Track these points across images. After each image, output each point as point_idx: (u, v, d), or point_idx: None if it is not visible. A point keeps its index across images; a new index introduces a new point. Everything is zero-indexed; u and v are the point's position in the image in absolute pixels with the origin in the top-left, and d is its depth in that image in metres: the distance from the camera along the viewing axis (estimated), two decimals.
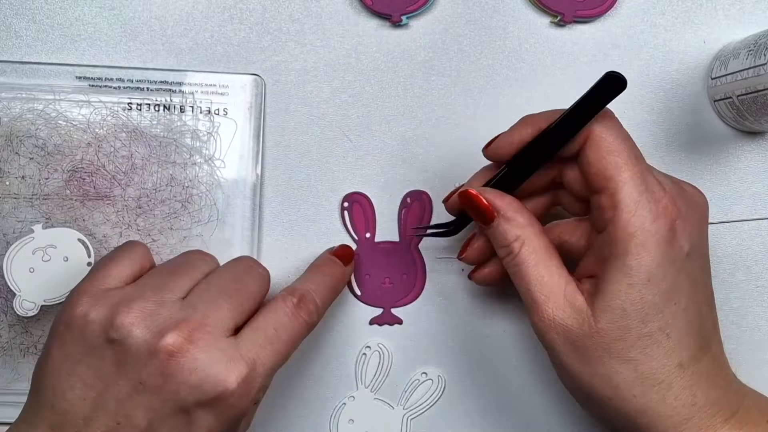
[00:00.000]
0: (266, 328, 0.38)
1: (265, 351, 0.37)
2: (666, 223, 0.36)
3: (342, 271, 0.44)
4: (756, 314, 0.47)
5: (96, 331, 0.35)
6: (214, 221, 0.46)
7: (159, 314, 0.36)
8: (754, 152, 0.48)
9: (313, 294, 0.40)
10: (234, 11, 0.47)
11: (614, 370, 0.36)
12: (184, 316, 0.36)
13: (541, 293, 0.37)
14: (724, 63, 0.45)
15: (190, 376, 0.34)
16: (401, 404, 0.47)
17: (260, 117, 0.46)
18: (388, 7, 0.46)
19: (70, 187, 0.45)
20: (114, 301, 0.36)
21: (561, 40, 0.47)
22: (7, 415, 0.45)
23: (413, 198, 0.47)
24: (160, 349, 0.34)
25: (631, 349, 0.36)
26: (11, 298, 0.44)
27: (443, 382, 0.47)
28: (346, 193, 0.47)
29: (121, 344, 0.35)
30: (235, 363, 0.35)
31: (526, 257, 0.37)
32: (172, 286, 0.38)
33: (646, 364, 0.36)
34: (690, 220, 0.37)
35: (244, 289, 0.39)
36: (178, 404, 0.35)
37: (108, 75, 0.46)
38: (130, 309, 0.35)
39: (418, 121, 0.47)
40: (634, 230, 0.35)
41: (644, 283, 0.35)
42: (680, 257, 0.36)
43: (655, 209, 0.35)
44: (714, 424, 0.37)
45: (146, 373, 0.35)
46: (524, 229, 0.38)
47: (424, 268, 0.47)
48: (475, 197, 0.39)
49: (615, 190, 0.36)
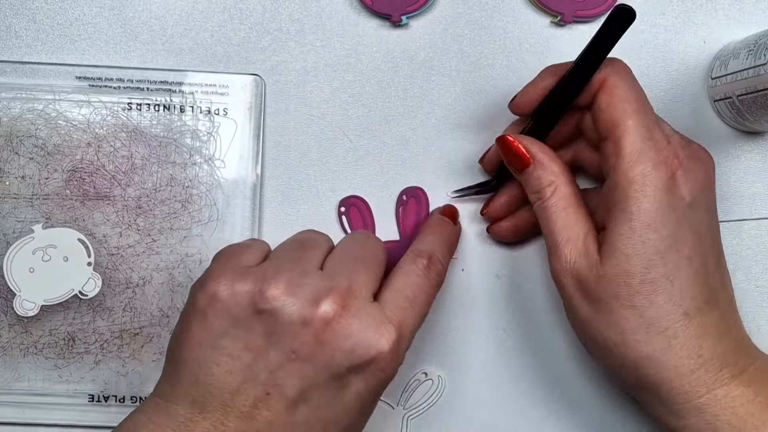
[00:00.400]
0: (405, 291, 0.38)
1: (408, 313, 0.37)
2: (666, 171, 0.37)
3: (454, 230, 0.45)
4: (756, 314, 0.47)
5: (242, 303, 0.35)
6: (214, 221, 0.46)
7: (305, 284, 0.36)
8: (754, 152, 0.47)
9: (438, 254, 0.41)
10: (234, 11, 0.47)
11: (621, 316, 0.37)
12: (331, 285, 0.36)
13: (562, 236, 0.39)
14: (724, 63, 0.45)
15: (345, 341, 0.35)
16: (401, 404, 0.47)
17: (260, 117, 0.46)
18: (388, 7, 0.46)
19: (70, 187, 0.45)
20: (259, 274, 0.36)
21: (561, 40, 0.47)
22: (7, 415, 0.45)
23: (408, 195, 0.47)
24: (315, 317, 0.35)
25: (636, 295, 0.37)
26: (11, 298, 0.44)
27: (443, 382, 0.47)
28: (342, 198, 0.47)
29: (271, 314, 0.35)
30: (385, 326, 0.36)
31: (556, 202, 0.39)
32: (308, 257, 0.38)
33: (651, 310, 0.37)
34: (692, 173, 0.38)
35: (373, 256, 0.39)
36: (332, 370, 0.35)
37: (108, 75, 0.46)
38: (278, 280, 0.36)
39: (418, 121, 0.47)
40: (634, 176, 0.37)
41: (645, 227, 0.36)
42: (681, 206, 0.37)
43: (656, 158, 0.37)
44: (720, 379, 0.37)
45: (299, 341, 0.35)
46: (558, 177, 0.39)
47: None
48: (512, 143, 0.40)
49: (620, 137, 0.37)
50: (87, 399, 0.46)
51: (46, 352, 0.45)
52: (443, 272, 0.41)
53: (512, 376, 0.47)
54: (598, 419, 0.47)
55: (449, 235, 0.44)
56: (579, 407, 0.47)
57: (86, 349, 0.45)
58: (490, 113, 0.47)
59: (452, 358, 0.47)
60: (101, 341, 0.45)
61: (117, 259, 0.45)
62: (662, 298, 0.37)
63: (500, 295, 0.47)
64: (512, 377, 0.47)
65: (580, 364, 0.47)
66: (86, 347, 0.45)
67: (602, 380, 0.47)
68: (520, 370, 0.47)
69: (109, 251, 0.45)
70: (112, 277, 0.45)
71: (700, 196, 0.38)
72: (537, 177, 0.40)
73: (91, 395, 0.46)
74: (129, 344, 0.45)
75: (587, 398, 0.47)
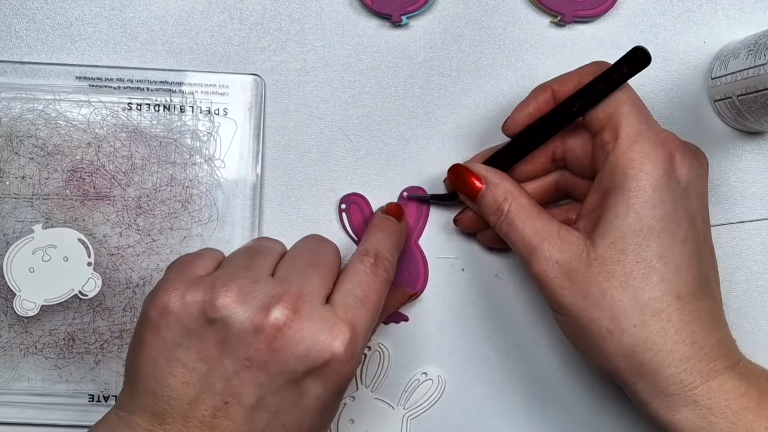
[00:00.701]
0: (354, 290, 0.38)
1: (360, 312, 0.37)
2: (665, 151, 0.37)
3: (399, 228, 0.44)
4: (756, 314, 0.47)
5: (194, 313, 0.35)
6: (214, 221, 0.46)
7: (256, 291, 0.36)
8: (754, 152, 0.47)
9: (384, 252, 0.41)
10: (234, 11, 0.47)
11: (614, 299, 0.36)
12: (282, 290, 0.36)
13: (535, 239, 0.38)
14: (724, 63, 0.45)
15: (298, 346, 0.35)
16: (401, 404, 0.47)
17: (260, 117, 0.46)
18: (388, 7, 0.46)
19: (70, 187, 0.45)
20: (208, 283, 0.36)
21: (561, 40, 0.47)
22: (7, 415, 0.45)
23: (410, 192, 0.47)
24: (266, 324, 0.34)
25: (629, 275, 0.36)
26: (11, 298, 0.44)
27: (443, 382, 0.47)
28: (342, 195, 0.47)
29: (223, 323, 0.35)
30: (338, 327, 0.35)
31: (517, 212, 0.39)
32: (259, 264, 0.38)
33: (645, 291, 0.36)
34: (689, 157, 0.38)
35: (325, 260, 0.39)
36: (288, 375, 0.35)
37: (108, 75, 0.46)
38: (228, 288, 0.35)
39: (418, 121, 0.47)
40: (634, 155, 0.37)
41: (642, 204, 0.36)
42: (678, 188, 0.37)
43: (655, 138, 0.37)
44: (714, 369, 0.37)
45: (253, 349, 0.34)
46: (510, 192, 0.40)
47: (426, 265, 0.47)
48: (461, 169, 0.41)
49: (617, 122, 0.37)
50: (87, 399, 0.46)
51: (46, 352, 0.45)
52: (391, 269, 0.41)
53: (512, 376, 0.47)
54: (597, 418, 0.47)
55: (393, 232, 0.43)
56: (579, 407, 0.47)
57: (86, 349, 0.45)
58: (490, 113, 0.47)
59: (452, 358, 0.47)
60: (101, 341, 0.45)
61: (117, 259, 0.45)
62: (656, 278, 0.36)
63: (500, 295, 0.47)
64: (512, 377, 0.47)
65: (581, 363, 0.47)
66: (86, 347, 0.45)
67: (602, 379, 0.47)
68: (521, 370, 0.47)
69: (109, 251, 0.45)
70: (112, 277, 0.45)
71: (694, 181, 0.38)
72: (492, 197, 0.40)
73: (91, 395, 0.46)
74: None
75: (587, 398, 0.47)
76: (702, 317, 0.37)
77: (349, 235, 0.47)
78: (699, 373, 0.36)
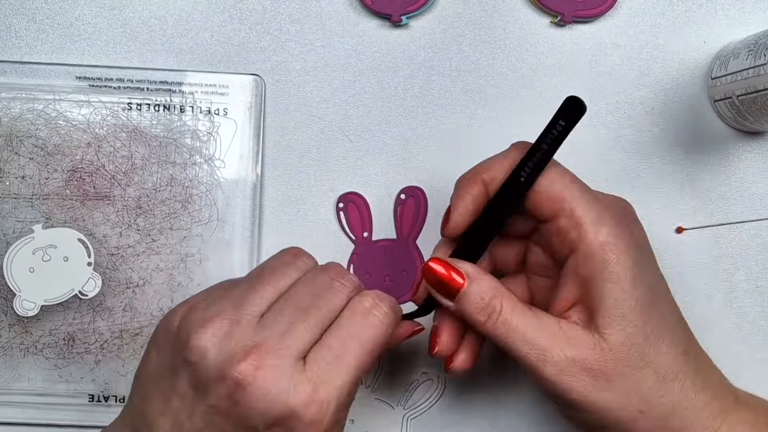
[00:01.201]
0: (331, 343, 0.35)
1: (332, 369, 0.35)
2: (624, 224, 0.37)
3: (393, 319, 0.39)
4: (756, 314, 0.47)
5: (177, 348, 0.35)
6: (214, 221, 0.46)
7: (233, 336, 0.35)
8: (754, 152, 0.47)
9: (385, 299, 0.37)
10: (234, 11, 0.47)
11: (638, 380, 0.36)
12: (258, 341, 0.34)
13: (541, 339, 0.36)
14: (724, 63, 0.45)
15: (257, 403, 0.34)
16: (401, 404, 0.47)
17: (260, 117, 0.46)
18: (388, 7, 0.46)
19: (70, 187, 0.45)
20: (196, 317, 0.35)
21: (561, 40, 0.47)
22: (7, 415, 0.45)
23: (408, 194, 0.47)
24: (229, 377, 0.34)
25: (643, 353, 0.36)
26: (11, 298, 0.44)
27: (443, 382, 0.47)
28: (340, 194, 0.47)
29: (194, 366, 0.35)
30: (301, 386, 0.34)
31: (512, 310, 0.36)
32: (252, 301, 0.36)
33: (660, 361, 0.36)
34: (631, 218, 0.38)
35: (325, 306, 0.36)
36: (249, 429, 0.34)
37: (108, 75, 0.46)
38: (205, 330, 0.35)
39: (418, 121, 0.47)
40: (605, 238, 0.36)
41: (632, 283, 0.36)
42: (644, 254, 0.37)
43: (611, 215, 0.36)
44: (727, 404, 0.38)
45: (216, 397, 0.34)
46: (497, 286, 0.37)
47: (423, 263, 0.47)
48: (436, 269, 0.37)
49: (572, 209, 0.36)
50: (87, 399, 0.46)
51: (46, 352, 0.45)
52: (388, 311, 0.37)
53: (512, 376, 0.47)
54: None
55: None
56: None
57: (86, 349, 0.45)
58: (490, 113, 0.47)
59: None
60: (101, 341, 0.45)
61: (117, 259, 0.45)
62: (664, 344, 0.36)
63: None
64: (512, 377, 0.47)
65: None
66: (86, 347, 0.45)
67: None
68: (521, 369, 0.47)
69: (109, 251, 0.45)
70: (112, 277, 0.45)
71: (642, 238, 0.38)
72: (478, 292, 0.36)
73: (91, 395, 0.46)
74: (129, 344, 0.45)
75: None
76: (704, 361, 0.38)
77: (347, 234, 0.47)
78: (719, 413, 0.37)
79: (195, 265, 0.46)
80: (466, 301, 0.37)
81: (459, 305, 0.37)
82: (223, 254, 0.46)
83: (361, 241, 0.47)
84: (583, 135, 0.47)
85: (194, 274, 0.46)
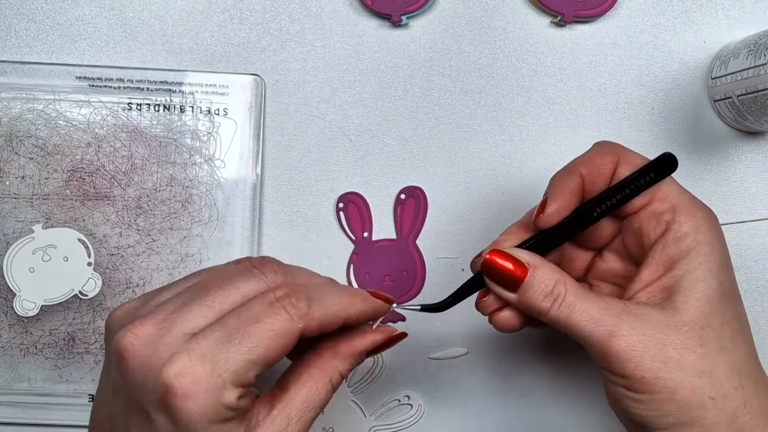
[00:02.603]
0: (227, 321, 0.32)
1: (222, 347, 0.32)
2: (712, 216, 0.37)
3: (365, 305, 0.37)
4: (756, 314, 0.47)
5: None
6: (214, 221, 0.46)
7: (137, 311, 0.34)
8: (754, 152, 0.47)
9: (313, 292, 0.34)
10: (234, 11, 0.47)
11: (712, 363, 0.35)
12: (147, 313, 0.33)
13: (609, 317, 0.35)
14: (724, 63, 0.45)
15: (135, 374, 0.32)
16: (374, 416, 0.47)
17: (260, 117, 0.46)
18: (388, 7, 0.46)
19: (70, 187, 0.45)
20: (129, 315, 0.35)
21: (561, 40, 0.47)
22: (8, 415, 0.45)
23: (408, 194, 0.47)
24: (114, 347, 0.32)
25: (720, 338, 0.35)
26: (11, 298, 0.44)
27: (422, 411, 0.47)
28: (340, 194, 0.47)
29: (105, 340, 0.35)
30: (177, 356, 0.31)
31: (575, 294, 0.35)
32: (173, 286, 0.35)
33: (735, 353, 0.36)
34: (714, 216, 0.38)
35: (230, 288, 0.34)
36: (137, 405, 0.32)
37: (108, 75, 0.46)
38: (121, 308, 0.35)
39: (418, 121, 0.47)
40: (698, 222, 0.36)
41: (720, 268, 0.36)
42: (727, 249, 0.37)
43: (701, 206, 0.37)
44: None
45: (110, 369, 0.34)
46: (560, 273, 0.36)
47: (423, 264, 0.47)
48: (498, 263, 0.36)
49: (666, 195, 0.37)
50: (87, 399, 0.46)
51: (46, 352, 0.45)
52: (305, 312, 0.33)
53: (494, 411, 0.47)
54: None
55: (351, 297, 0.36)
56: None
57: (86, 349, 0.45)
58: (490, 113, 0.47)
59: (434, 385, 0.47)
60: (101, 341, 0.45)
61: (117, 259, 0.45)
62: (740, 339, 0.36)
63: None
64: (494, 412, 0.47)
65: (571, 404, 0.47)
66: (86, 347, 0.45)
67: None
68: (507, 414, 0.47)
69: (109, 251, 0.45)
70: (112, 277, 0.45)
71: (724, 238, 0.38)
72: (541, 279, 0.36)
73: (91, 395, 0.46)
74: None
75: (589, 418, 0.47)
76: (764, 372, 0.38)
77: (347, 234, 0.47)
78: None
79: (195, 265, 0.46)
80: (529, 291, 0.36)
81: (523, 296, 0.36)
82: (223, 254, 0.46)
83: (361, 241, 0.47)
84: (584, 135, 0.47)
85: None
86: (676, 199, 0.37)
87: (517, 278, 0.36)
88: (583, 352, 0.40)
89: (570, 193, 0.37)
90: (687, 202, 0.37)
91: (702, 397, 0.35)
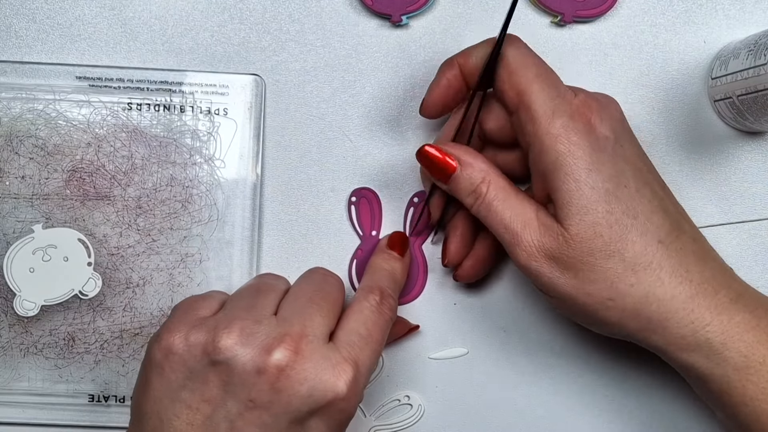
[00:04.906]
0: (358, 329, 0.38)
1: (364, 351, 0.37)
2: (582, 118, 0.37)
3: (402, 265, 0.44)
4: None
5: (198, 355, 0.36)
6: (214, 221, 0.46)
7: (258, 332, 0.36)
8: (754, 152, 0.47)
9: (388, 289, 0.41)
10: (234, 11, 0.47)
11: (604, 269, 0.37)
12: (284, 331, 0.36)
13: (516, 224, 0.38)
14: (725, 63, 0.45)
15: (301, 387, 0.35)
16: (374, 415, 0.47)
17: (260, 117, 0.46)
18: (388, 7, 0.46)
19: (70, 187, 0.45)
20: (211, 325, 0.36)
21: (561, 40, 0.47)
22: (7, 415, 0.45)
23: (421, 198, 0.47)
24: (268, 366, 0.35)
25: (609, 242, 0.37)
26: (11, 298, 0.44)
27: (422, 412, 0.47)
28: (355, 188, 0.47)
29: (226, 365, 0.35)
30: (341, 367, 0.36)
31: (496, 194, 0.39)
32: (262, 304, 0.38)
33: (629, 250, 0.37)
34: (605, 112, 0.38)
35: (328, 297, 0.39)
36: (291, 416, 0.35)
37: (108, 75, 0.46)
38: (230, 330, 0.36)
39: (418, 121, 0.47)
40: (557, 131, 0.37)
41: (588, 173, 0.36)
42: (609, 145, 0.37)
43: (570, 110, 0.37)
44: (719, 303, 0.37)
45: (256, 390, 0.35)
46: (487, 171, 0.39)
47: (425, 269, 0.47)
48: (431, 153, 0.40)
49: (529, 102, 0.38)
50: (87, 399, 0.46)
51: (46, 352, 0.45)
52: (395, 307, 0.41)
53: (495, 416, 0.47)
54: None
55: (396, 270, 0.43)
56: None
57: (86, 349, 0.45)
58: None
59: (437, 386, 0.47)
60: (101, 341, 0.45)
61: (117, 259, 0.45)
62: (633, 233, 0.37)
63: (494, 303, 0.47)
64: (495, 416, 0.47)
65: (568, 408, 0.47)
66: (86, 347, 0.45)
67: (593, 407, 0.47)
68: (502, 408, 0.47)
69: (109, 251, 0.45)
70: (112, 277, 0.45)
71: (620, 130, 0.39)
72: (467, 176, 0.39)
73: (91, 395, 0.46)
74: (129, 344, 0.45)
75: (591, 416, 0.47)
76: (688, 253, 0.38)
77: (356, 230, 0.47)
78: (707, 309, 0.37)
79: (195, 265, 0.46)
80: (457, 185, 0.40)
81: (451, 187, 0.40)
82: (223, 254, 0.46)
83: (368, 238, 0.47)
84: None
85: (194, 274, 0.46)
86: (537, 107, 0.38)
87: (447, 170, 0.39)
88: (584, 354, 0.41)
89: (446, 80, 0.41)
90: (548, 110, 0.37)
91: (600, 300, 0.37)
